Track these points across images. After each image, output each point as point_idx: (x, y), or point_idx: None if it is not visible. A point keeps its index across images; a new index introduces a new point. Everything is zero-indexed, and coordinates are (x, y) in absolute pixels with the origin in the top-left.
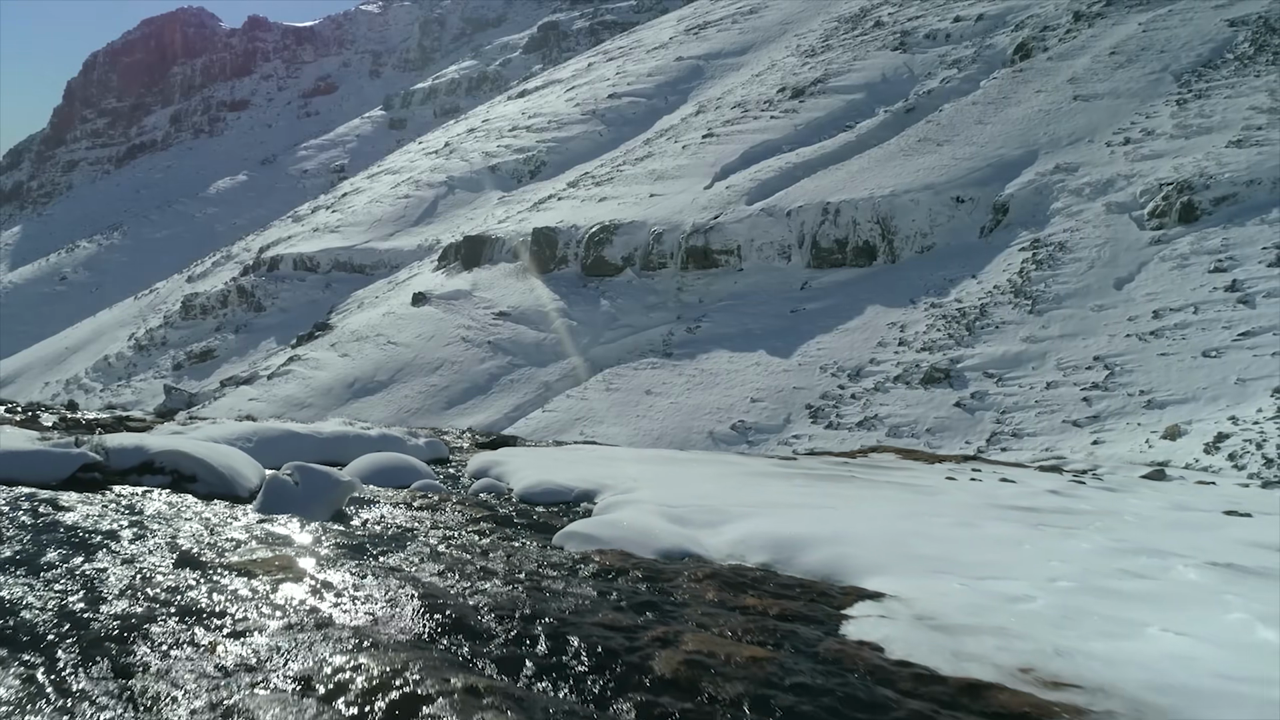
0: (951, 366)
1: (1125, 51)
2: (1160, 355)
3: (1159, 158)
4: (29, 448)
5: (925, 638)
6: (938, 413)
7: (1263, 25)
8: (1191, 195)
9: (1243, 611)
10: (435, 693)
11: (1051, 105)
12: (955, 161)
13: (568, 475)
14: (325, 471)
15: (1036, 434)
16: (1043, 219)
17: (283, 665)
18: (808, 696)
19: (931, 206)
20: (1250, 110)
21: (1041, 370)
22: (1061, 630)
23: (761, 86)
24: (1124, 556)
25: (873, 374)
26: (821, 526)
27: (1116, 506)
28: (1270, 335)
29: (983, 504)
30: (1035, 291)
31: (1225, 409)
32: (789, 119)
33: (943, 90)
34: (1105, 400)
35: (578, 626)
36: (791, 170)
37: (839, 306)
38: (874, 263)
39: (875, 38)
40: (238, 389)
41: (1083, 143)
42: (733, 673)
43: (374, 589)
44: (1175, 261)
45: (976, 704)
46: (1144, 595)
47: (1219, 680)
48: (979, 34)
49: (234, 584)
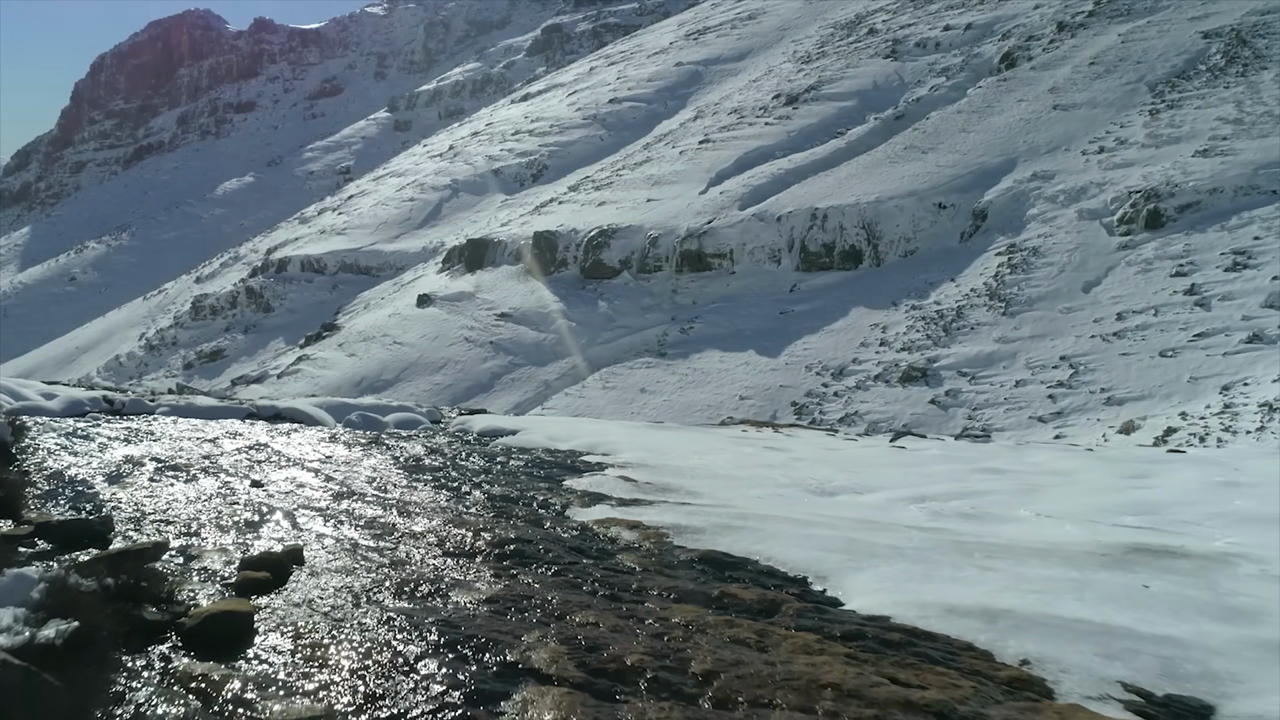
0: (928, 366)
1: (1104, 62)
2: (1121, 355)
3: (1130, 166)
4: (222, 404)
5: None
6: (914, 409)
7: (1235, 37)
8: (1158, 203)
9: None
10: (402, 483)
11: (1032, 114)
12: (939, 169)
13: (509, 424)
14: (373, 417)
15: (1005, 429)
16: (1019, 225)
17: (359, 478)
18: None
19: (915, 212)
20: (1217, 121)
21: (1012, 369)
22: (732, 475)
23: (758, 93)
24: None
25: (855, 373)
26: (636, 441)
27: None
28: (1222, 336)
29: (763, 448)
30: (1009, 294)
31: (1177, 405)
32: (783, 125)
33: (931, 98)
34: (1069, 397)
35: (488, 457)
36: (783, 176)
37: (825, 308)
38: (859, 266)
39: (868, 45)
40: (248, 388)
41: (1060, 151)
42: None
43: (397, 464)
44: (1140, 266)
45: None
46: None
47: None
48: (967, 43)
49: (336, 453)
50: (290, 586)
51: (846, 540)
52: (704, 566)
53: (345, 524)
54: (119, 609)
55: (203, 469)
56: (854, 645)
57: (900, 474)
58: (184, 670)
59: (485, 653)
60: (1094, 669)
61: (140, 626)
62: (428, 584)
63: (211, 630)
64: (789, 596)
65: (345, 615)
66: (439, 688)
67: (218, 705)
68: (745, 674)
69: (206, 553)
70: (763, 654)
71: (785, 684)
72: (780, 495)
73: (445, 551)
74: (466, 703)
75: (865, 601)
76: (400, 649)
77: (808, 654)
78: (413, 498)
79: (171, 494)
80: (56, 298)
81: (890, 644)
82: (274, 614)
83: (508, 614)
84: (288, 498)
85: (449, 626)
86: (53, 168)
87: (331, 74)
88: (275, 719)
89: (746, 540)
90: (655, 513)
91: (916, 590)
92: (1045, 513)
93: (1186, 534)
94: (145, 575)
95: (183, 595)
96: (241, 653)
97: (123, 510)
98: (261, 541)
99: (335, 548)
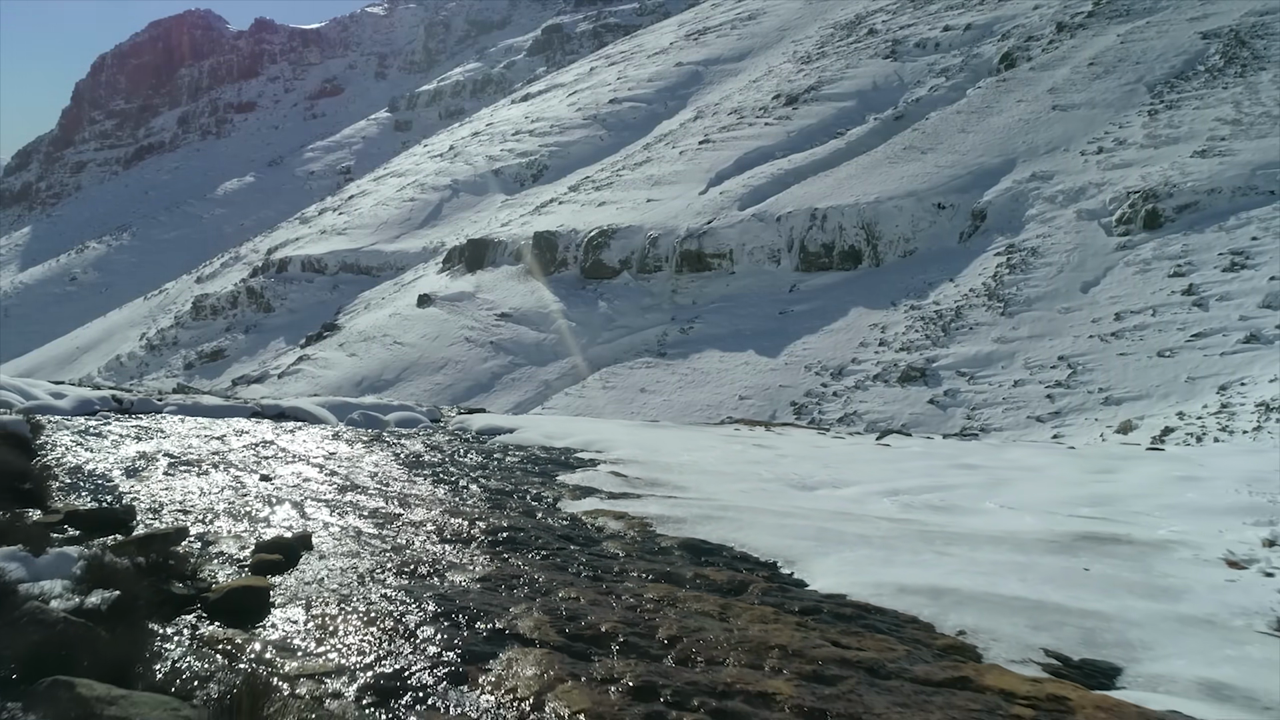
0: (927, 366)
1: (1103, 63)
2: (1119, 355)
3: (1129, 166)
4: (228, 403)
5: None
6: (913, 409)
7: (1233, 38)
8: (1156, 203)
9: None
10: (403, 477)
11: (1031, 115)
12: (938, 169)
13: (506, 423)
14: (374, 416)
15: (1003, 429)
16: (1018, 225)
17: (363, 472)
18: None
19: (914, 213)
20: (1216, 121)
21: (1010, 369)
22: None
23: (758, 93)
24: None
25: (854, 373)
26: (630, 439)
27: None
28: (1220, 336)
29: (752, 446)
30: (1008, 294)
31: (1175, 405)
32: (782, 126)
33: (930, 98)
34: (1067, 397)
35: (485, 454)
36: (783, 176)
37: (824, 308)
38: (859, 266)
39: (868, 45)
40: (249, 388)
41: (1059, 151)
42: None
43: (397, 460)
44: (1138, 266)
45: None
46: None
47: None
48: (967, 43)
49: (339, 450)
50: (301, 567)
51: (818, 529)
52: (682, 552)
53: (350, 514)
54: (150, 583)
55: (213, 464)
56: (808, 617)
57: (879, 469)
58: (210, 634)
59: (477, 621)
60: (1022, 638)
61: (169, 599)
62: (426, 565)
63: (233, 602)
64: (757, 578)
65: (352, 591)
66: (435, 649)
67: (242, 662)
68: (705, 639)
69: (223, 538)
70: (723, 623)
71: (739, 645)
72: (763, 489)
73: (442, 538)
74: (459, 661)
75: (827, 582)
76: (401, 618)
77: (763, 623)
78: (413, 491)
79: (186, 487)
80: (57, 297)
81: (842, 617)
82: (288, 590)
83: (498, 590)
84: (295, 490)
85: (445, 600)
86: (53, 168)
87: (332, 74)
88: (292, 673)
89: (724, 529)
90: (642, 505)
91: (875, 572)
92: (1009, 505)
93: (1135, 523)
94: (170, 556)
95: (204, 574)
96: (260, 621)
97: (141, 501)
98: (273, 529)
99: (341, 534)
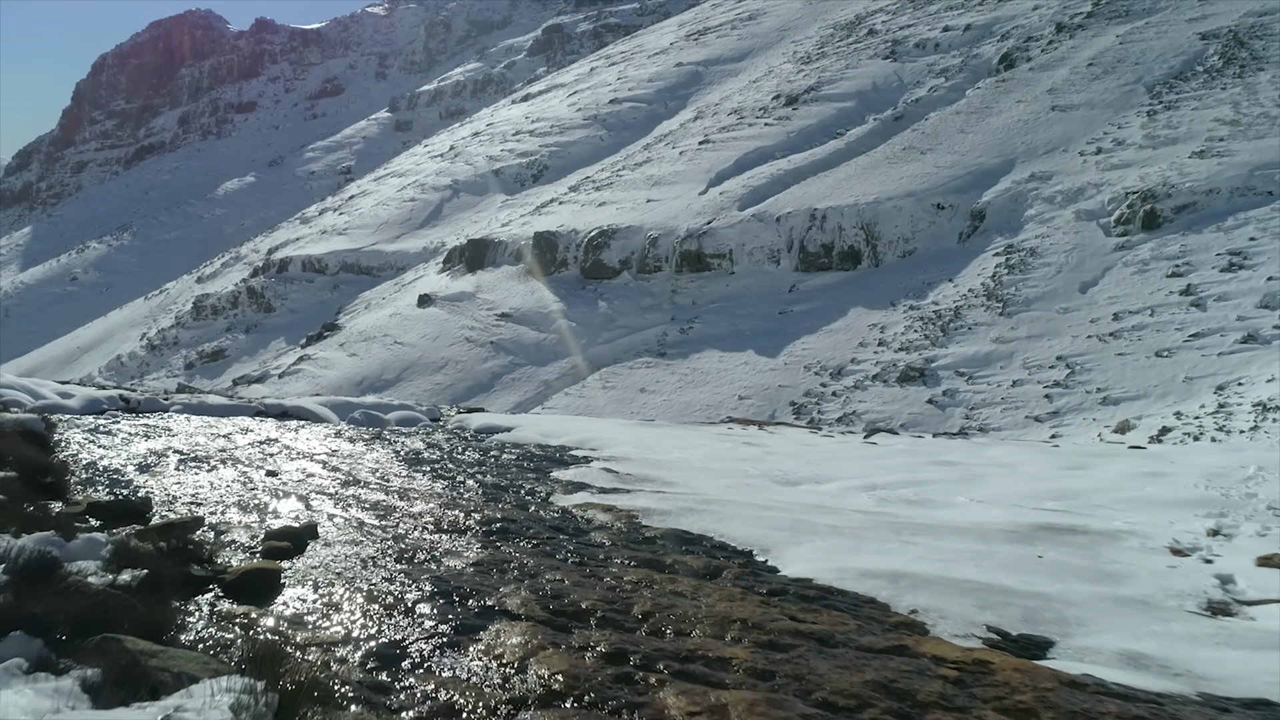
0: (926, 366)
1: (1102, 63)
2: (1118, 355)
3: (1127, 167)
4: (232, 403)
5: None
6: (911, 409)
7: (1232, 39)
8: (1155, 204)
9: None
10: (403, 473)
11: (1030, 115)
12: (937, 170)
13: (504, 422)
14: (375, 415)
15: (1001, 429)
16: (1017, 225)
17: (367, 463)
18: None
19: (914, 213)
20: (1214, 122)
21: (1009, 369)
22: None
23: (758, 93)
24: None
25: (853, 373)
26: (624, 437)
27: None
28: (1217, 336)
29: (742, 444)
30: (1006, 295)
31: (1173, 405)
32: (782, 126)
33: (930, 99)
34: (1065, 397)
35: (483, 451)
36: (783, 177)
37: (824, 309)
38: (858, 267)
39: (868, 46)
40: (250, 387)
41: (1057, 152)
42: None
43: (397, 457)
44: (1136, 266)
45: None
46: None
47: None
48: (966, 43)
49: (342, 447)
50: (308, 554)
51: (794, 521)
52: (665, 541)
53: (353, 506)
54: (171, 565)
55: (221, 460)
56: (773, 598)
57: (861, 466)
58: (228, 610)
59: (469, 599)
60: (968, 615)
61: (189, 579)
62: (424, 552)
63: (247, 582)
64: (732, 564)
65: (355, 574)
66: (431, 622)
67: (257, 633)
68: (675, 614)
69: (234, 528)
70: (693, 601)
71: (705, 620)
72: (747, 484)
73: (439, 528)
74: (452, 633)
75: (796, 568)
76: (400, 596)
77: (729, 601)
78: (412, 485)
79: (197, 481)
80: (58, 297)
81: (805, 598)
82: (296, 573)
83: (490, 573)
84: (300, 484)
85: (440, 581)
86: (54, 168)
87: (332, 74)
88: (303, 643)
89: (706, 520)
90: (630, 499)
91: (842, 559)
92: (979, 499)
93: (1093, 515)
94: (188, 542)
95: (220, 558)
96: (272, 599)
97: (156, 494)
98: (280, 519)
99: (344, 525)
